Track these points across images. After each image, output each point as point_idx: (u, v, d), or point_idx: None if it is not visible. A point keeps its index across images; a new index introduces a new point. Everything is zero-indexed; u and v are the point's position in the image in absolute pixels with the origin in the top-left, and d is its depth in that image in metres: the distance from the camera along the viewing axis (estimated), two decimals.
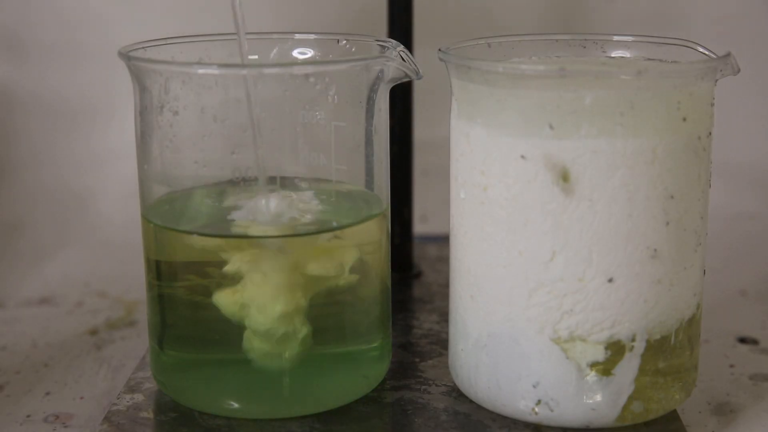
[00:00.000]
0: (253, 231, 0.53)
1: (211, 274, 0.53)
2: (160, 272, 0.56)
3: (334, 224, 0.54)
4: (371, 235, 0.56)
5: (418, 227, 0.85)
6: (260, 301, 0.52)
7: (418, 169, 0.84)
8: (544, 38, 0.59)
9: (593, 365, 0.52)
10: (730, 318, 0.73)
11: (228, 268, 0.53)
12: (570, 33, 0.60)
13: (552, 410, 0.53)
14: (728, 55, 0.53)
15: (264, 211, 0.54)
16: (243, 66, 0.56)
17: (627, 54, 0.59)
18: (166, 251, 0.55)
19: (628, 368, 0.52)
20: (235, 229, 0.53)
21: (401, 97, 0.71)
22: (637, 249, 0.51)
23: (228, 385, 0.55)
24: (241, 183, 0.54)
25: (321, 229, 0.54)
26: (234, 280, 0.53)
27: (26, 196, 0.94)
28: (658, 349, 0.53)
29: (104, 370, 0.66)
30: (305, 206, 0.55)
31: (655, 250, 0.51)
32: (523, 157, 0.51)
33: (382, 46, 0.57)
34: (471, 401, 0.56)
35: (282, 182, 0.55)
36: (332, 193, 0.56)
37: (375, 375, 0.57)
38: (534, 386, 0.53)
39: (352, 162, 0.56)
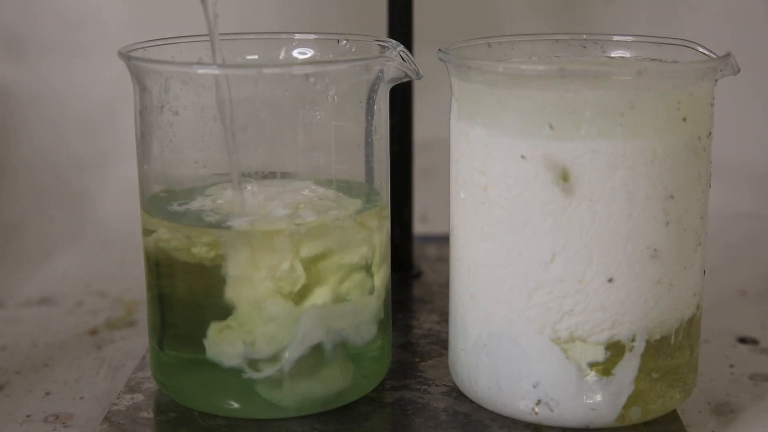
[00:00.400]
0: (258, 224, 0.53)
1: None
2: (159, 272, 0.56)
3: (334, 215, 0.54)
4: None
5: (418, 227, 0.85)
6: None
7: (418, 169, 0.84)
8: (544, 38, 0.59)
9: (593, 365, 0.52)
10: (730, 318, 0.74)
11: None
12: (570, 33, 0.60)
13: (552, 410, 0.53)
14: (728, 55, 0.53)
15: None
16: (243, 66, 0.56)
17: (627, 54, 0.59)
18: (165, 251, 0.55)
19: (628, 368, 0.52)
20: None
21: (401, 97, 0.71)
22: (637, 249, 0.51)
23: (228, 385, 0.54)
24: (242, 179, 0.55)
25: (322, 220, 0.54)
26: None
27: (26, 196, 0.94)
28: (658, 349, 0.52)
29: (104, 370, 0.66)
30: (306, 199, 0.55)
31: (655, 250, 0.51)
32: (523, 157, 0.51)
33: (382, 46, 0.57)
34: (471, 401, 0.56)
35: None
36: (332, 187, 0.56)
37: (375, 375, 0.57)
38: (534, 386, 0.53)
39: (352, 162, 0.56)
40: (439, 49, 0.54)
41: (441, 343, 0.63)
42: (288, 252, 0.52)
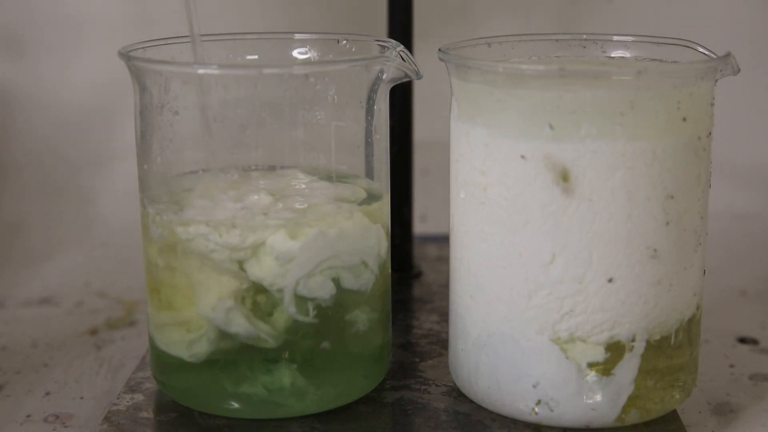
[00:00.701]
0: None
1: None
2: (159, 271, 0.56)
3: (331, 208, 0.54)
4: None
5: (418, 227, 0.85)
6: None
7: (418, 169, 0.84)
8: (544, 38, 0.59)
9: (593, 365, 0.52)
10: (730, 318, 0.74)
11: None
12: (570, 33, 0.60)
13: (552, 410, 0.53)
14: (728, 55, 0.53)
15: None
16: (243, 66, 0.56)
17: (627, 54, 0.59)
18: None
19: (627, 368, 0.52)
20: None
21: (401, 97, 0.71)
22: (637, 249, 0.51)
23: (228, 385, 0.54)
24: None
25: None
26: None
27: (26, 196, 0.94)
28: (658, 349, 0.52)
29: (104, 370, 0.66)
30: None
31: (655, 250, 0.51)
32: (523, 157, 0.51)
33: (382, 46, 0.57)
34: (471, 401, 0.56)
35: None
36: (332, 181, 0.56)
37: (375, 375, 0.57)
38: (534, 386, 0.53)
39: (352, 162, 0.56)
40: (439, 49, 0.54)
41: (441, 343, 0.63)
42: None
